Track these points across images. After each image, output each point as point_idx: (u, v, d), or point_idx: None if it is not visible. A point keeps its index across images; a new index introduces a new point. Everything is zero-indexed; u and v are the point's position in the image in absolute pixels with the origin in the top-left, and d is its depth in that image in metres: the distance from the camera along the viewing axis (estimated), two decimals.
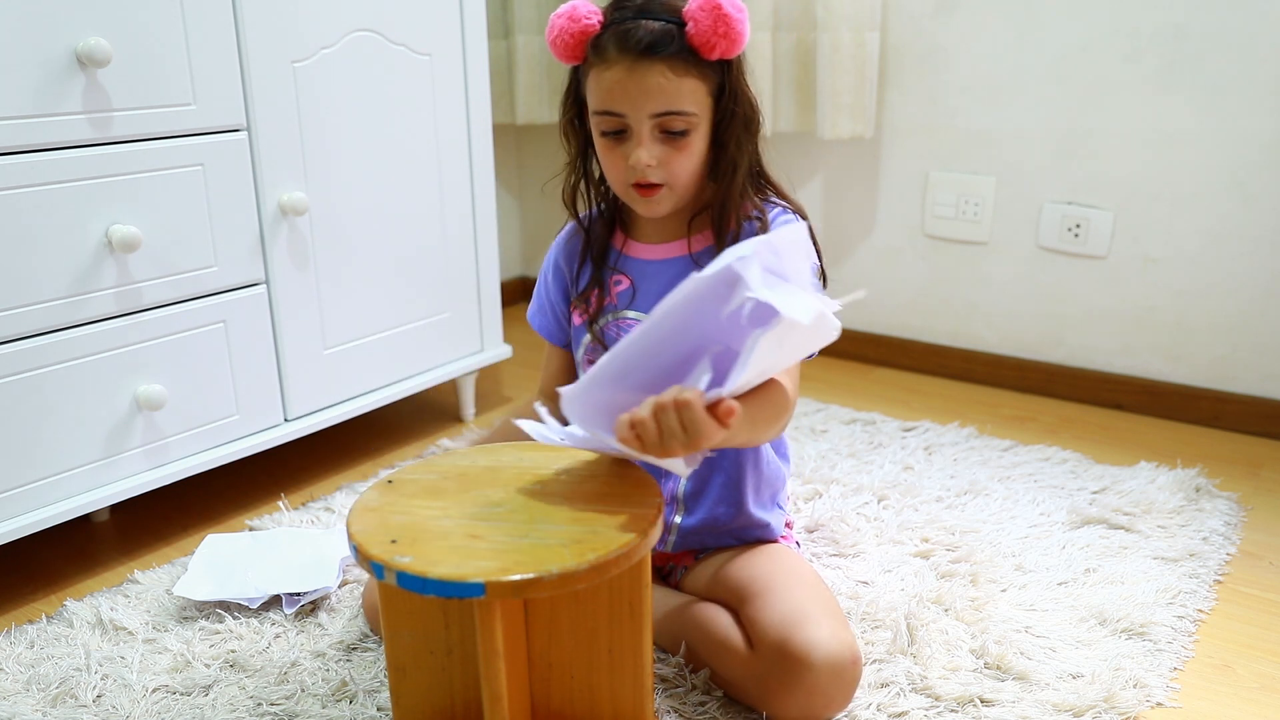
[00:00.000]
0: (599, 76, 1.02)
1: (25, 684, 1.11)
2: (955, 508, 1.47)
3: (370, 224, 1.60)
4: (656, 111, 1.01)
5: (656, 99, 1.00)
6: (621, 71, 1.00)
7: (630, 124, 1.02)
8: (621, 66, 1.00)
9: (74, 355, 1.28)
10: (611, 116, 1.02)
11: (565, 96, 1.10)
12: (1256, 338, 1.75)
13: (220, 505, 1.56)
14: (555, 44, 1.04)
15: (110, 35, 1.24)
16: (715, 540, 1.16)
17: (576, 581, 0.79)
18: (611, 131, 1.03)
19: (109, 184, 1.28)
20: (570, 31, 1.02)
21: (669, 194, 1.05)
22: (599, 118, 1.03)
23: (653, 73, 0.99)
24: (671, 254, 1.12)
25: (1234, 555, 1.36)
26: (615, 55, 1.00)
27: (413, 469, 0.98)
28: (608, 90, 1.01)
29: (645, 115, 1.01)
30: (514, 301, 2.63)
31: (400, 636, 0.96)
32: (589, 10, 1.02)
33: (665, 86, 1.00)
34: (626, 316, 1.13)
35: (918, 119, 1.98)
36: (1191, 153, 1.73)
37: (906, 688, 1.07)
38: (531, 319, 1.22)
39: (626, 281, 1.13)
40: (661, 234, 1.13)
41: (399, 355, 1.70)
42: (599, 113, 1.03)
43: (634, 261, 1.14)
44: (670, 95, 1.00)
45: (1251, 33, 1.64)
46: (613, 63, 1.00)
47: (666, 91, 1.00)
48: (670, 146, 1.02)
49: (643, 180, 1.03)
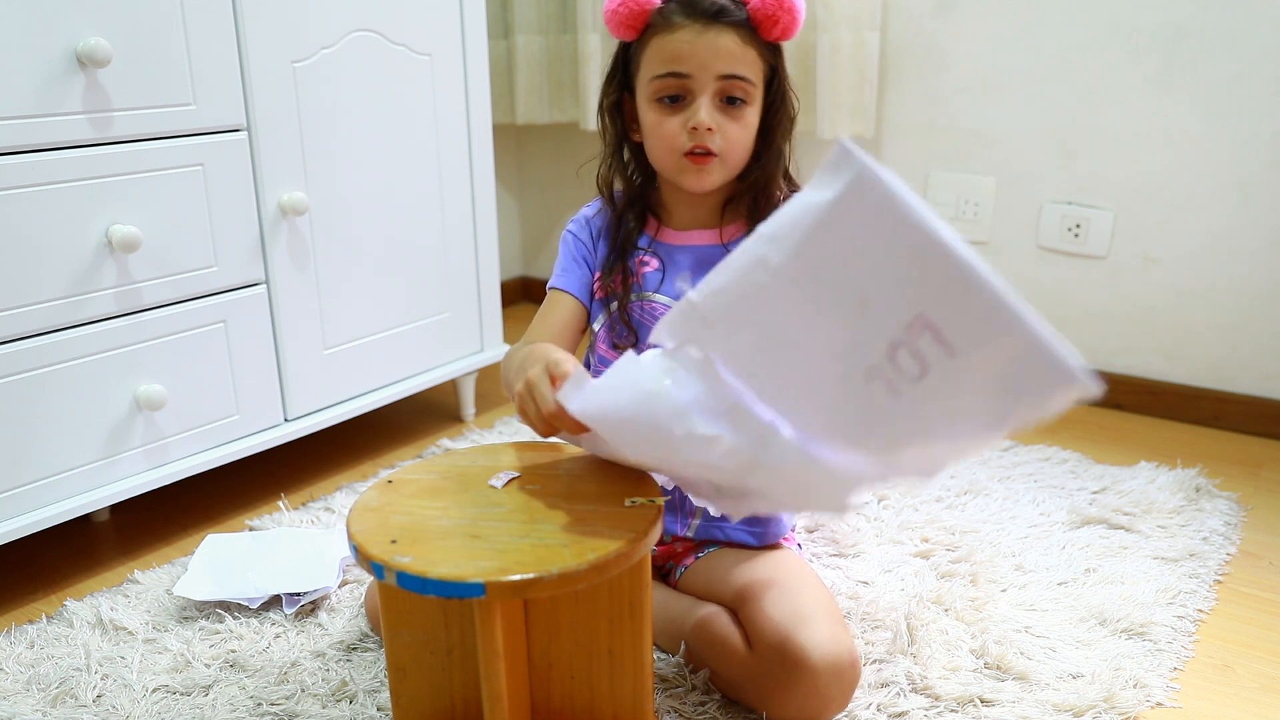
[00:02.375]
0: (663, 41, 1.04)
1: (25, 684, 1.11)
2: (955, 508, 1.47)
3: (370, 224, 1.60)
4: (723, 73, 1.03)
5: (725, 60, 1.03)
6: (692, 34, 1.02)
7: (693, 86, 1.03)
8: (691, 29, 1.02)
9: (74, 355, 1.28)
10: (675, 78, 1.03)
11: (609, 78, 1.11)
12: (1256, 338, 1.75)
13: (220, 505, 1.56)
14: (617, 14, 1.05)
15: (110, 35, 1.24)
16: (735, 530, 1.17)
17: (576, 581, 0.79)
18: (670, 96, 1.04)
19: (109, 184, 1.28)
20: (636, 2, 1.04)
21: (720, 165, 1.07)
22: (660, 82, 1.04)
23: (722, 36, 1.02)
24: (703, 240, 1.13)
25: (1234, 555, 1.36)
26: (682, 19, 1.03)
27: (413, 469, 0.98)
28: (674, 51, 1.03)
29: (711, 76, 1.03)
30: (514, 301, 2.63)
31: (400, 636, 0.96)
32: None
33: (734, 50, 1.03)
34: (654, 300, 1.13)
35: (918, 119, 1.98)
36: (1192, 153, 1.73)
37: (906, 688, 1.07)
38: (554, 281, 1.17)
39: (655, 263, 1.14)
40: (694, 220, 1.14)
41: (399, 355, 1.70)
42: (661, 76, 1.04)
43: (664, 246, 1.14)
44: (738, 59, 1.03)
45: (1251, 33, 1.64)
46: (680, 26, 1.03)
47: (735, 55, 1.03)
48: (727, 115, 1.05)
49: (700, 145, 1.04)
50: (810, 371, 0.73)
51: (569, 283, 1.17)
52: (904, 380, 0.68)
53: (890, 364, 0.68)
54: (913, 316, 0.67)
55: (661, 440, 0.78)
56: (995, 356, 0.65)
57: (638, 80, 1.08)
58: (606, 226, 1.17)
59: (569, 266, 1.18)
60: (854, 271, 0.69)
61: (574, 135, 2.47)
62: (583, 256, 1.18)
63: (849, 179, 0.67)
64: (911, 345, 0.67)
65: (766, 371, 0.75)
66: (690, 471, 0.84)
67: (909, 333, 0.67)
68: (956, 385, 0.67)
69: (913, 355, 0.67)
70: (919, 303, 0.67)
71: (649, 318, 1.13)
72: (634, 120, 1.12)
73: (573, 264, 1.18)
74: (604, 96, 1.12)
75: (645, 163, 1.14)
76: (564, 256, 1.19)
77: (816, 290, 0.71)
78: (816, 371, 0.72)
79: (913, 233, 0.66)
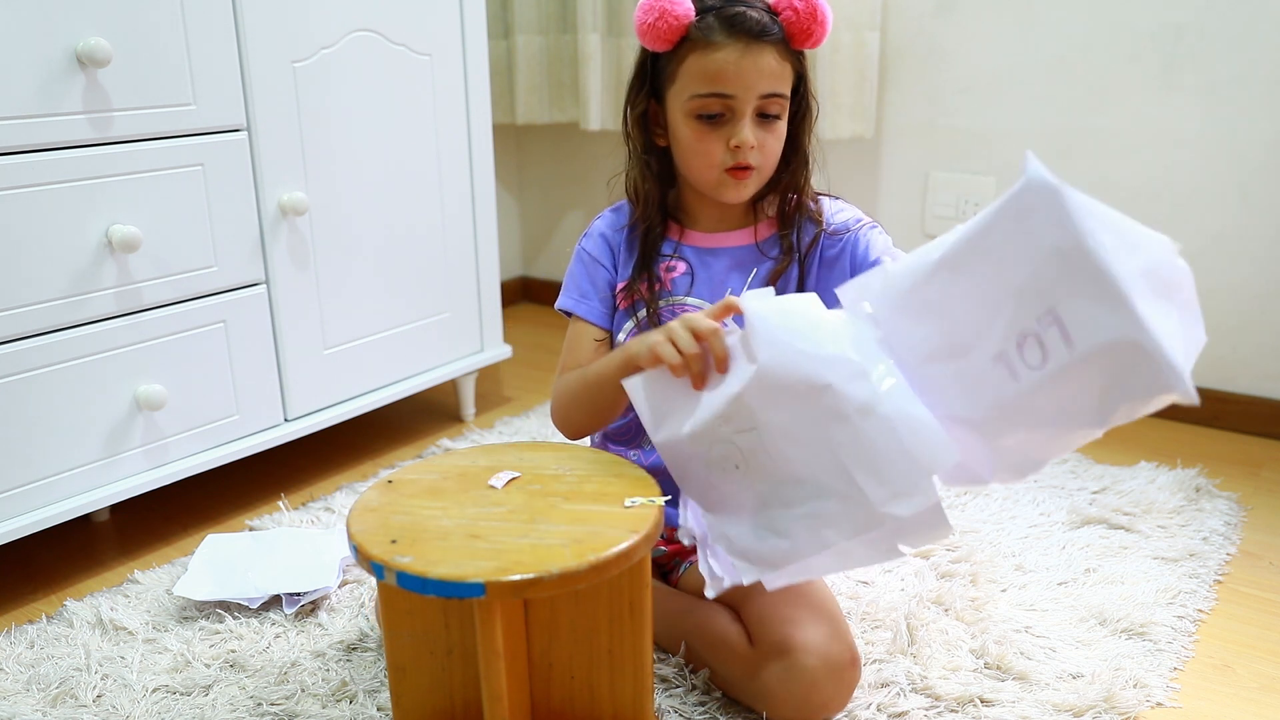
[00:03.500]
0: (704, 59, 1.02)
1: (25, 684, 1.11)
2: (955, 507, 1.47)
3: (370, 224, 1.60)
4: (765, 92, 1.03)
5: (768, 80, 1.03)
6: (735, 53, 1.01)
7: (735, 105, 1.03)
8: (734, 48, 1.01)
9: (74, 355, 1.28)
10: (718, 98, 1.03)
11: (637, 87, 1.10)
12: (1256, 338, 1.75)
13: (220, 505, 1.56)
14: (654, 28, 1.03)
15: (110, 35, 1.24)
16: None
17: (576, 581, 0.79)
18: (710, 115, 1.04)
19: (109, 184, 1.28)
20: (673, 15, 1.02)
21: (756, 177, 1.07)
22: (702, 100, 1.03)
23: (764, 55, 1.02)
24: (733, 242, 1.13)
25: (1234, 555, 1.36)
26: (725, 38, 1.01)
27: (413, 469, 0.98)
28: (718, 71, 1.02)
29: (754, 96, 1.03)
30: (514, 301, 2.63)
31: (400, 636, 0.96)
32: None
33: (774, 68, 1.03)
34: (686, 303, 1.13)
35: (918, 119, 1.98)
36: (1192, 153, 1.73)
37: (906, 688, 1.07)
38: (574, 307, 1.16)
39: (683, 267, 1.13)
40: (723, 223, 1.14)
41: (399, 355, 1.70)
42: (705, 95, 1.03)
43: (693, 249, 1.14)
44: (778, 76, 1.04)
45: (1251, 33, 1.64)
46: (722, 45, 1.02)
47: (775, 73, 1.03)
48: (764, 129, 1.05)
49: (742, 162, 1.05)
50: (954, 352, 0.78)
51: (590, 311, 1.15)
52: (1024, 367, 0.73)
53: (1017, 351, 0.74)
54: (1044, 310, 0.71)
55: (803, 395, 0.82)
56: (1110, 354, 0.68)
57: (670, 91, 1.06)
58: (629, 236, 1.15)
59: (587, 291, 1.16)
60: (1011, 264, 0.73)
61: (574, 135, 2.47)
62: (604, 279, 1.15)
63: (1022, 181, 0.73)
64: (1039, 335, 0.72)
65: (922, 352, 0.80)
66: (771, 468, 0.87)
67: (1039, 324, 0.72)
68: (1070, 377, 0.71)
69: (1038, 344, 0.72)
70: (1052, 297, 0.71)
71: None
72: (658, 126, 1.11)
73: (590, 288, 1.16)
74: (631, 105, 1.10)
75: (667, 168, 1.13)
76: (580, 277, 1.17)
77: (978, 278, 0.76)
78: (959, 352, 0.78)
79: (1063, 234, 0.70)
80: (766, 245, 1.12)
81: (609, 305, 1.16)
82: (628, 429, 1.18)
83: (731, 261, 1.13)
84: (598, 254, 1.16)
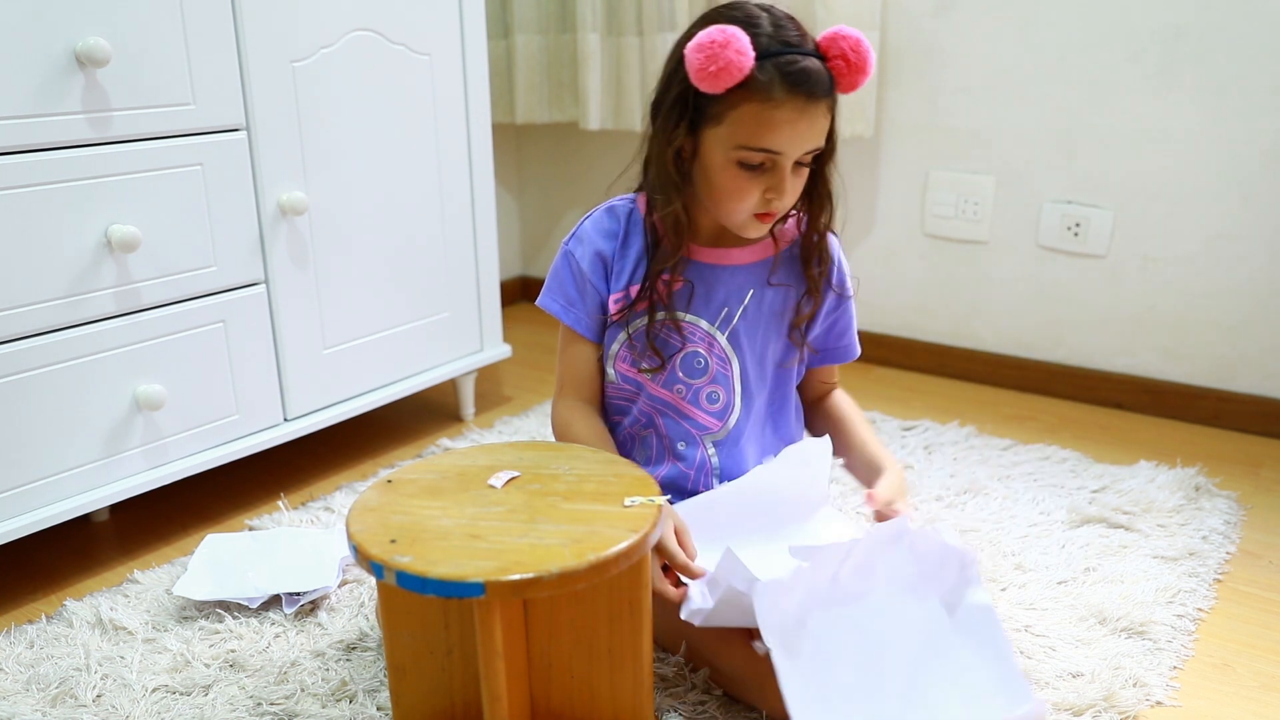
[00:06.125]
0: (760, 112, 0.99)
1: (25, 684, 1.11)
2: (955, 507, 1.47)
3: (370, 223, 1.60)
4: (810, 149, 1.03)
5: (815, 138, 1.03)
6: (793, 112, 1.00)
7: (780, 160, 1.02)
8: (792, 107, 0.99)
9: (74, 355, 1.28)
10: (767, 153, 1.02)
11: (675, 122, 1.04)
12: (1256, 337, 1.75)
13: (220, 505, 1.56)
14: (715, 75, 0.98)
15: (109, 35, 1.24)
16: None
17: (576, 581, 0.79)
18: (753, 165, 1.03)
19: (108, 184, 1.28)
20: (738, 66, 0.97)
21: (777, 218, 1.09)
22: (750, 152, 1.01)
23: (818, 114, 1.01)
24: (733, 260, 1.13)
25: (1234, 554, 1.36)
26: (785, 95, 0.99)
27: (412, 469, 0.98)
28: (774, 130, 1.00)
29: (799, 152, 1.02)
30: (513, 301, 2.63)
31: (400, 636, 0.96)
32: (743, 41, 0.98)
33: (822, 126, 1.03)
34: (684, 319, 1.13)
35: (917, 118, 1.98)
36: (1191, 152, 1.73)
37: None
38: (561, 315, 1.15)
39: (683, 281, 1.12)
40: (723, 240, 1.14)
41: (398, 355, 1.70)
42: (755, 148, 1.01)
43: (695, 265, 1.13)
44: (822, 132, 1.04)
45: (1251, 33, 1.64)
46: (782, 103, 0.99)
47: (822, 130, 1.03)
48: (795, 175, 1.05)
49: (774, 210, 1.05)
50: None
51: (577, 322, 1.14)
52: None
53: None
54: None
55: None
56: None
57: (711, 130, 1.03)
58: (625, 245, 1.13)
59: (574, 299, 1.15)
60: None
61: (573, 135, 2.47)
62: (593, 297, 1.14)
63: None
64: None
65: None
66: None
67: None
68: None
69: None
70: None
71: (675, 336, 1.13)
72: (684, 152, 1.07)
73: (578, 296, 1.14)
74: (667, 141, 1.05)
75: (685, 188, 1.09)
76: (567, 283, 1.15)
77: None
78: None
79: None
80: (768, 268, 1.13)
81: (597, 319, 1.15)
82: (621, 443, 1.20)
83: (732, 281, 1.13)
84: (589, 270, 1.14)
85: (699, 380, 1.14)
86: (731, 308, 1.13)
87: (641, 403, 1.16)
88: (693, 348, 1.12)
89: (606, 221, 1.15)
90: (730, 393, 1.15)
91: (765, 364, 1.17)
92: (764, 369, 1.17)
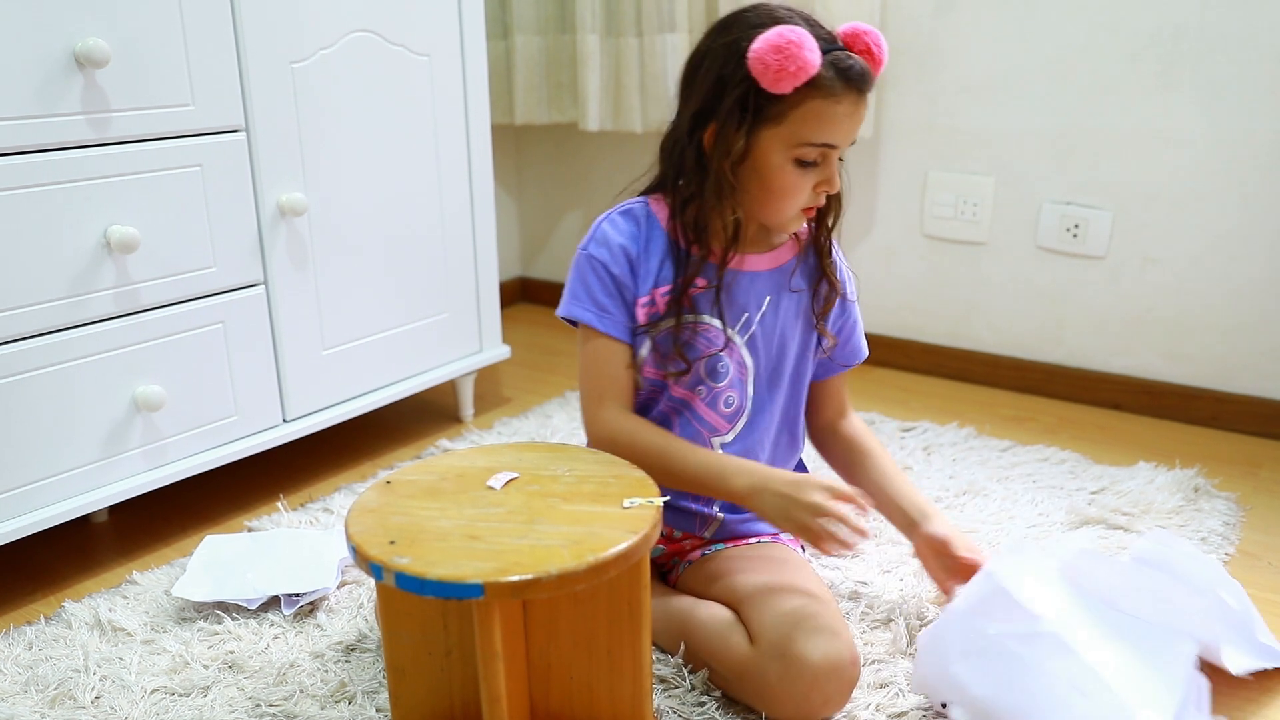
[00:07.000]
0: (824, 108, 1.02)
1: (24, 685, 1.11)
2: (954, 508, 1.47)
3: (369, 224, 1.60)
4: (854, 140, 1.07)
5: (859, 129, 1.07)
6: (850, 106, 1.03)
7: (830, 154, 1.06)
8: (849, 101, 1.03)
9: (73, 356, 1.28)
10: (825, 148, 1.04)
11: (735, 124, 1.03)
12: (1256, 338, 1.75)
13: (219, 506, 1.56)
14: (794, 75, 0.98)
15: (109, 36, 1.24)
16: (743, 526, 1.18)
17: (575, 582, 0.79)
18: (809, 161, 1.05)
19: (108, 184, 1.28)
20: (812, 64, 0.98)
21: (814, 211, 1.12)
22: (809, 148, 1.03)
23: (863, 107, 1.05)
24: (754, 266, 1.14)
25: (1233, 555, 1.36)
26: (843, 90, 1.02)
27: (411, 470, 0.98)
28: (836, 124, 1.03)
29: (849, 144, 1.06)
30: (513, 302, 2.63)
31: (399, 637, 0.96)
32: (812, 40, 0.99)
33: (864, 118, 1.06)
34: (709, 323, 1.12)
35: (917, 119, 1.98)
36: (1191, 153, 1.73)
37: (906, 688, 1.07)
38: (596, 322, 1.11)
39: (705, 284, 1.11)
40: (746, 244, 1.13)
41: (397, 356, 1.70)
42: (818, 144, 1.03)
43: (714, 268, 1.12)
44: (862, 124, 1.07)
45: (1251, 33, 1.64)
46: (842, 98, 1.02)
47: (862, 122, 1.07)
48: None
49: (820, 204, 1.10)
50: None
51: (613, 326, 1.11)
52: None
53: None
54: None
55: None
56: None
57: (769, 129, 1.03)
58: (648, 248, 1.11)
59: (606, 305, 1.11)
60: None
61: (573, 135, 2.47)
62: (626, 289, 1.12)
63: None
64: None
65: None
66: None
67: None
68: None
69: None
70: None
71: (701, 339, 1.12)
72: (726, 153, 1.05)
73: (608, 300, 1.11)
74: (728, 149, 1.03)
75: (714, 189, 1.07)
76: (595, 289, 1.12)
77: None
78: None
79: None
80: (785, 274, 1.15)
81: (631, 322, 1.12)
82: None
83: (751, 287, 1.13)
84: (619, 272, 1.11)
85: (721, 384, 1.14)
86: (751, 313, 1.13)
87: (662, 403, 1.15)
88: (716, 351, 1.12)
89: (625, 224, 1.13)
90: (744, 396, 1.15)
91: (780, 370, 1.17)
92: (779, 375, 1.17)
